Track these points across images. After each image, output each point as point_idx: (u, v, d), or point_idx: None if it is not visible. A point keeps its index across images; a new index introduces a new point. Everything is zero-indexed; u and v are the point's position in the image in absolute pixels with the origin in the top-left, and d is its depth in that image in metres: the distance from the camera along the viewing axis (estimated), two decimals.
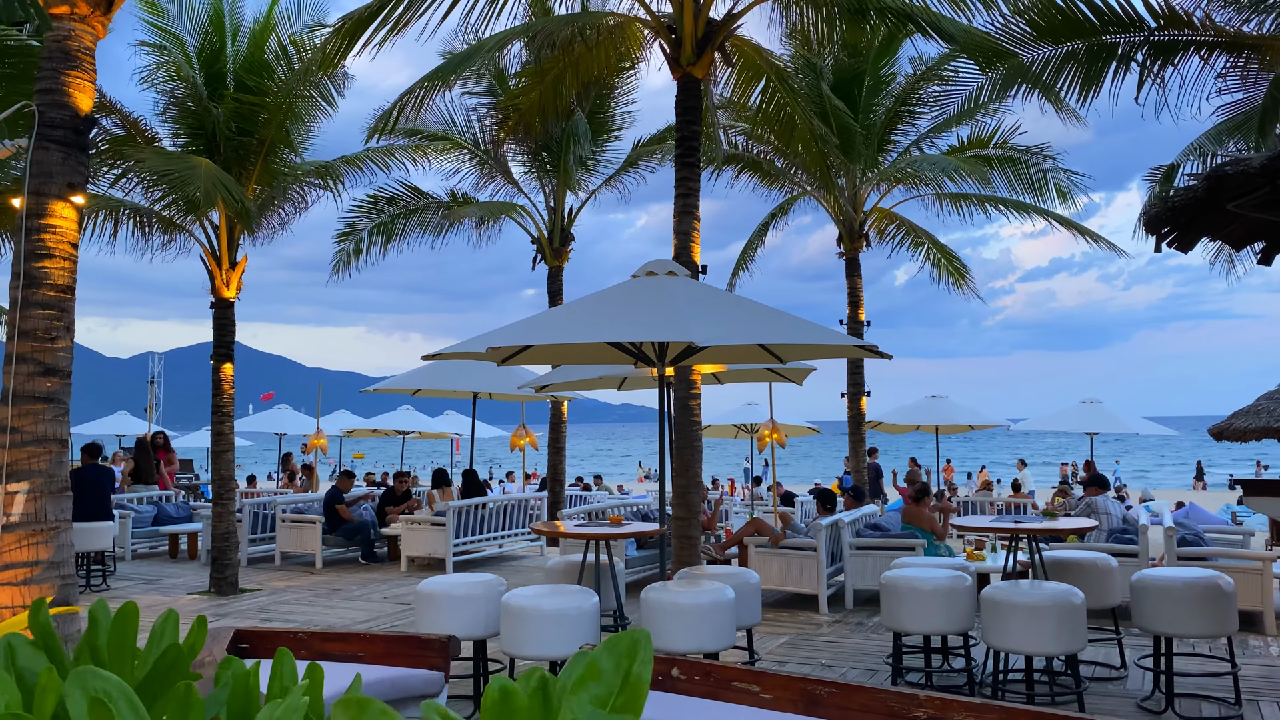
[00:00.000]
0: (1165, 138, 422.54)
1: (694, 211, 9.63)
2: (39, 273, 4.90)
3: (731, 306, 6.60)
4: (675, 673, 4.71)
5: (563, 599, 5.82)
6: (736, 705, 4.29)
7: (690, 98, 9.83)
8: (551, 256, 16.23)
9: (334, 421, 26.10)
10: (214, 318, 11.47)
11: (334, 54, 8.97)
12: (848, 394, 15.18)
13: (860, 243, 15.15)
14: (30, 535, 4.73)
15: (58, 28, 5.14)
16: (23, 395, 4.76)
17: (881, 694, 3.84)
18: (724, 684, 4.53)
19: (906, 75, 14.86)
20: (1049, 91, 8.38)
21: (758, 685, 4.43)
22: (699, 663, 4.55)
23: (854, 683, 3.95)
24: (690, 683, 4.65)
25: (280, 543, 13.69)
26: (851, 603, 10.10)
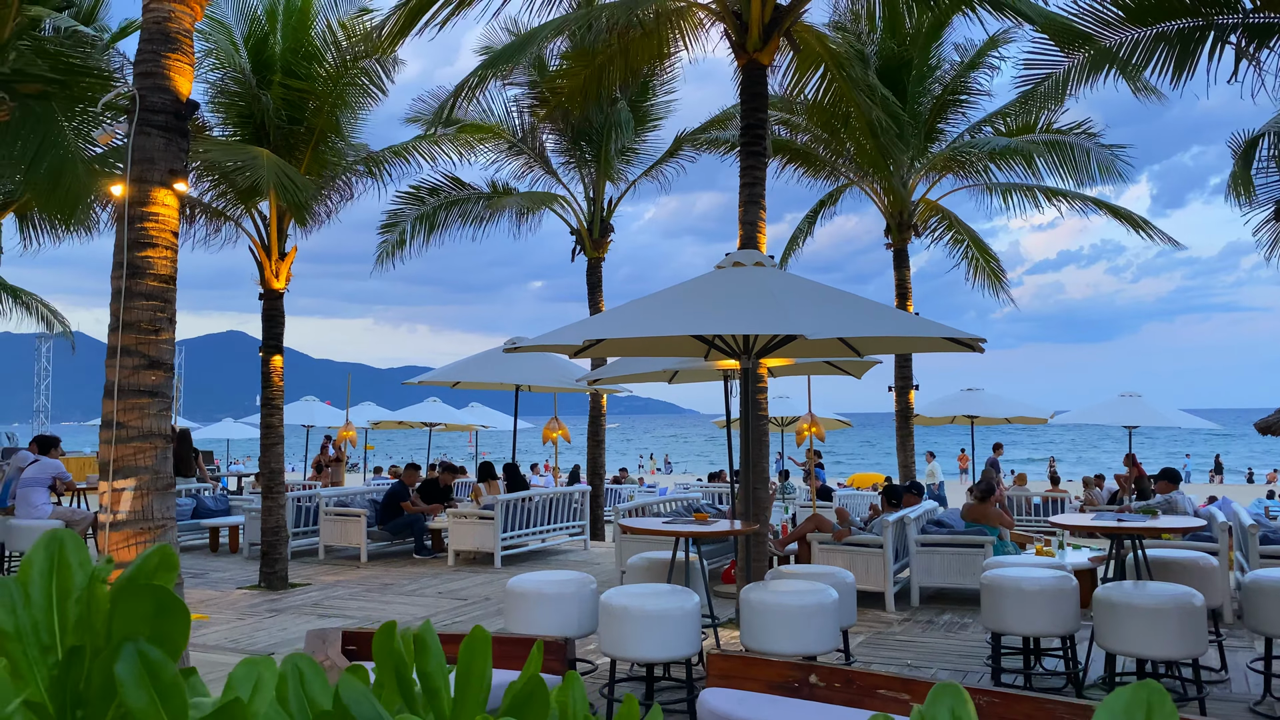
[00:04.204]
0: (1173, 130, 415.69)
1: (760, 201, 9.44)
2: (142, 262, 4.74)
3: (830, 298, 6.42)
4: (813, 679, 4.53)
5: (665, 599, 5.65)
6: None
7: (755, 84, 9.63)
8: (591, 248, 16.05)
9: (360, 414, 26.01)
10: (263, 309, 11.31)
11: (394, 32, 8.79)
12: (895, 387, 14.99)
13: (909, 234, 14.95)
14: (137, 534, 4.58)
15: (156, 9, 4.97)
16: (128, 389, 4.60)
17: (1049, 704, 3.66)
18: (868, 692, 4.34)
19: (953, 63, 14.64)
20: (1135, 74, 8.16)
21: (907, 693, 4.25)
22: (839, 669, 4.37)
23: (1014, 691, 3.78)
24: (830, 690, 4.46)
25: (324, 536, 13.56)
26: (918, 600, 9.92)
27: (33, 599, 1.23)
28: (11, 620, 1.23)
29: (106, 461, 4.63)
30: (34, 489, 11.24)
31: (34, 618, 1.25)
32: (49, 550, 1.26)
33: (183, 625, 1.25)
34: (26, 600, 1.24)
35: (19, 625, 1.22)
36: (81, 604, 1.24)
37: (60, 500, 12.18)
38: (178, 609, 1.23)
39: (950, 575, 9.82)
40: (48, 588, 1.24)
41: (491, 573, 12.12)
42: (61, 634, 1.23)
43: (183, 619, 1.23)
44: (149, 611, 1.25)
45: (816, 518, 10.35)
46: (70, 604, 1.24)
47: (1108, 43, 8.32)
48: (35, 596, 1.24)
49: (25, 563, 1.21)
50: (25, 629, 1.23)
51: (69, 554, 1.26)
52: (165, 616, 1.26)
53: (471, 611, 9.70)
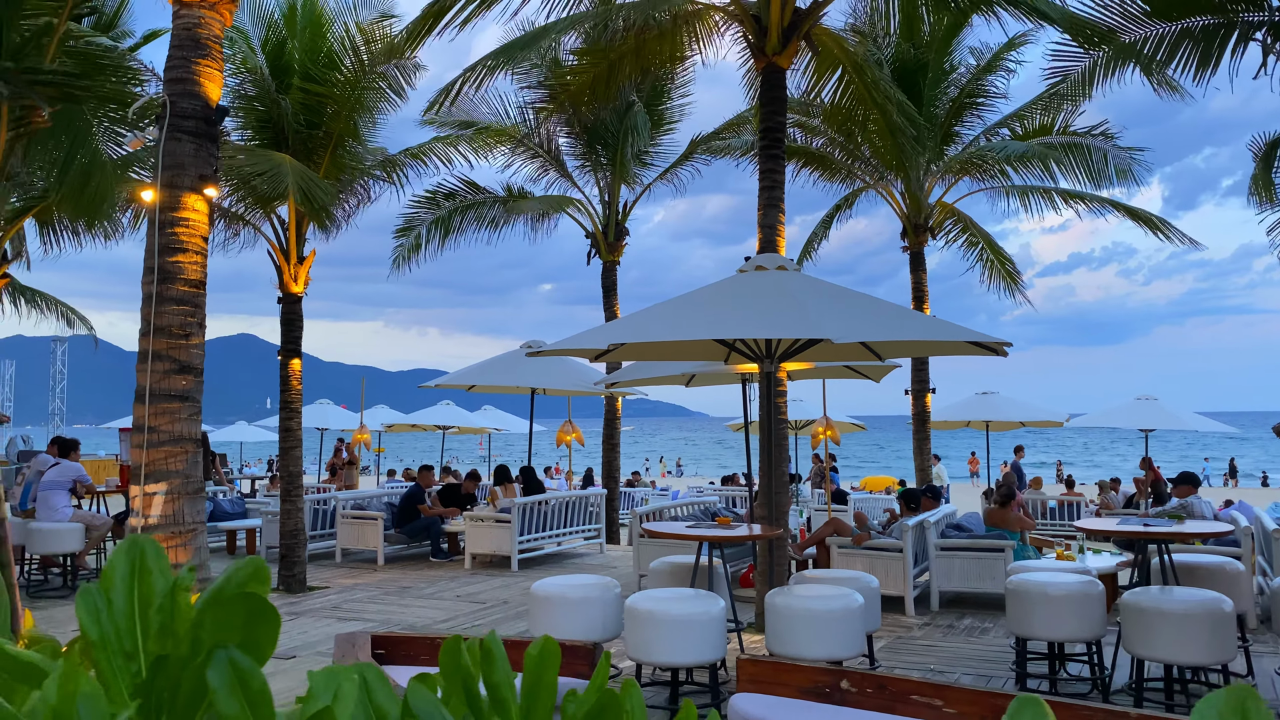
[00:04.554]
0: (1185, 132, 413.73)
1: (779, 204, 9.43)
2: (173, 267, 4.76)
3: (854, 301, 6.40)
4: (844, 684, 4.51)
5: (691, 603, 5.65)
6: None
7: (774, 88, 9.62)
8: (606, 251, 16.06)
9: (373, 416, 26.05)
10: (281, 313, 11.35)
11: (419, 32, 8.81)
12: (912, 390, 14.96)
13: (925, 236, 14.93)
14: (169, 538, 4.60)
15: (186, 16, 4.99)
16: (159, 394, 4.62)
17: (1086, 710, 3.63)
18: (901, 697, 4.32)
19: (969, 65, 14.62)
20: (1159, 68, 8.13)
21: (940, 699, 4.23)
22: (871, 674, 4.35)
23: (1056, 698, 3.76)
24: (862, 695, 4.44)
25: (341, 539, 13.59)
26: (937, 604, 9.89)
27: (115, 606, 1.23)
28: (97, 628, 1.23)
29: (138, 466, 4.65)
30: (55, 492, 11.29)
31: (117, 625, 1.24)
32: (129, 557, 1.25)
33: (272, 633, 1.24)
34: (110, 608, 1.24)
35: (104, 633, 1.22)
36: (164, 612, 1.23)
37: (81, 504, 12.22)
38: (269, 616, 1.22)
39: (970, 579, 9.79)
40: (130, 595, 1.24)
41: (508, 576, 12.13)
42: (144, 641, 1.22)
43: (273, 626, 1.22)
44: (240, 619, 1.25)
45: (835, 522, 10.33)
46: (152, 612, 1.24)
47: (1131, 38, 8.30)
48: (118, 604, 1.23)
49: (107, 569, 1.21)
50: (109, 637, 1.23)
51: (149, 561, 1.26)
52: (256, 624, 1.26)
53: (490, 615, 9.71)
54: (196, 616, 1.24)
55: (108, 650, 1.20)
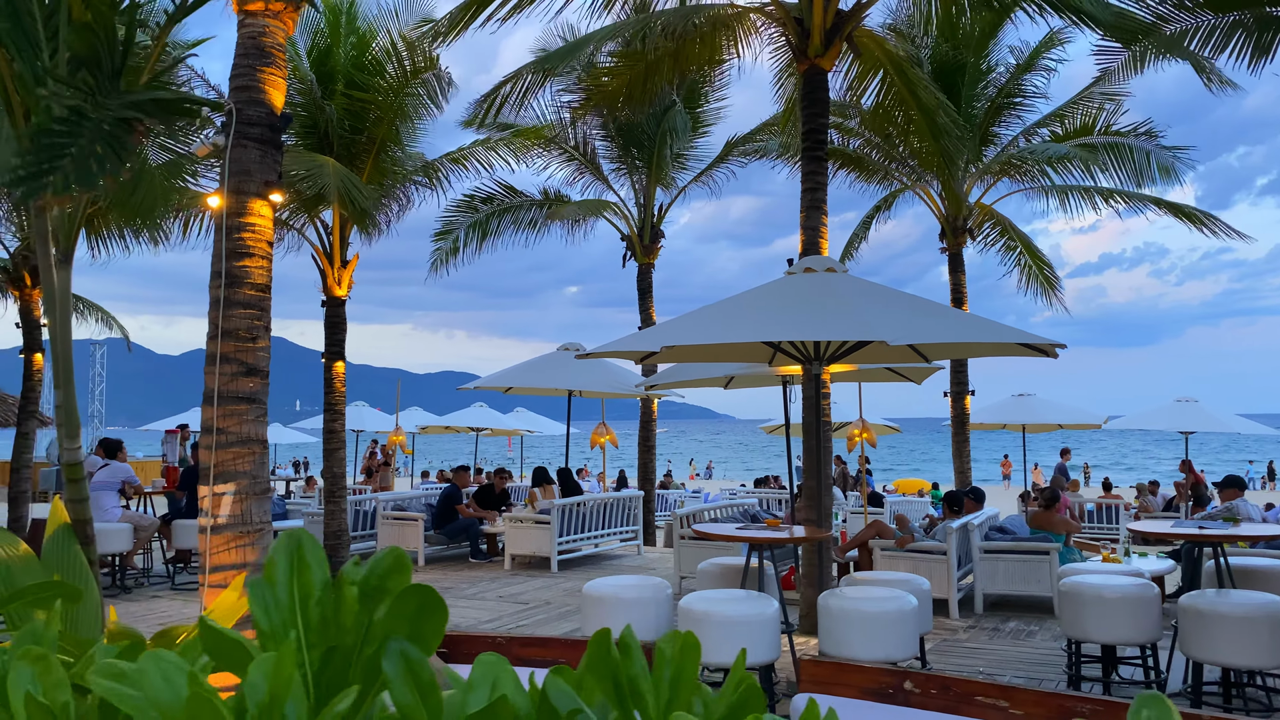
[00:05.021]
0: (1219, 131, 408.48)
1: (822, 206, 9.43)
2: (240, 271, 4.86)
3: (906, 303, 6.41)
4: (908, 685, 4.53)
5: (745, 604, 5.68)
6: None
7: (817, 90, 9.62)
8: (642, 254, 16.11)
9: (407, 419, 26.26)
10: (325, 316, 11.49)
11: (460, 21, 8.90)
12: (951, 393, 14.90)
13: (963, 238, 14.86)
14: (237, 537, 4.69)
15: (252, 25, 5.10)
16: (227, 396, 4.72)
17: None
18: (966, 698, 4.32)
19: (1007, 65, 14.56)
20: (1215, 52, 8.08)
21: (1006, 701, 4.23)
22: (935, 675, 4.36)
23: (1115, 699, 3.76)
24: (926, 696, 4.45)
25: (381, 540, 13.71)
26: (981, 607, 9.85)
27: (279, 600, 1.29)
28: (267, 620, 1.28)
29: (206, 466, 4.75)
30: (104, 493, 11.48)
31: (283, 618, 1.30)
32: (288, 551, 1.30)
33: (439, 625, 1.29)
34: (275, 601, 1.29)
35: (273, 626, 1.27)
36: (323, 604, 1.28)
37: (129, 504, 12.42)
38: (438, 608, 1.27)
39: (1015, 582, 9.74)
40: (290, 589, 1.29)
41: (549, 577, 12.20)
42: (306, 633, 1.27)
43: (441, 618, 1.27)
44: (412, 611, 1.30)
45: (877, 524, 10.31)
46: (311, 605, 1.29)
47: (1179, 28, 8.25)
48: (281, 598, 1.29)
49: (269, 564, 1.26)
50: (278, 629, 1.28)
51: (307, 555, 1.31)
52: (425, 616, 1.31)
53: (534, 615, 9.78)
54: (362, 608, 1.29)
55: (277, 642, 1.25)
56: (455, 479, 15.12)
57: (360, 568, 1.28)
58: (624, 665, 1.55)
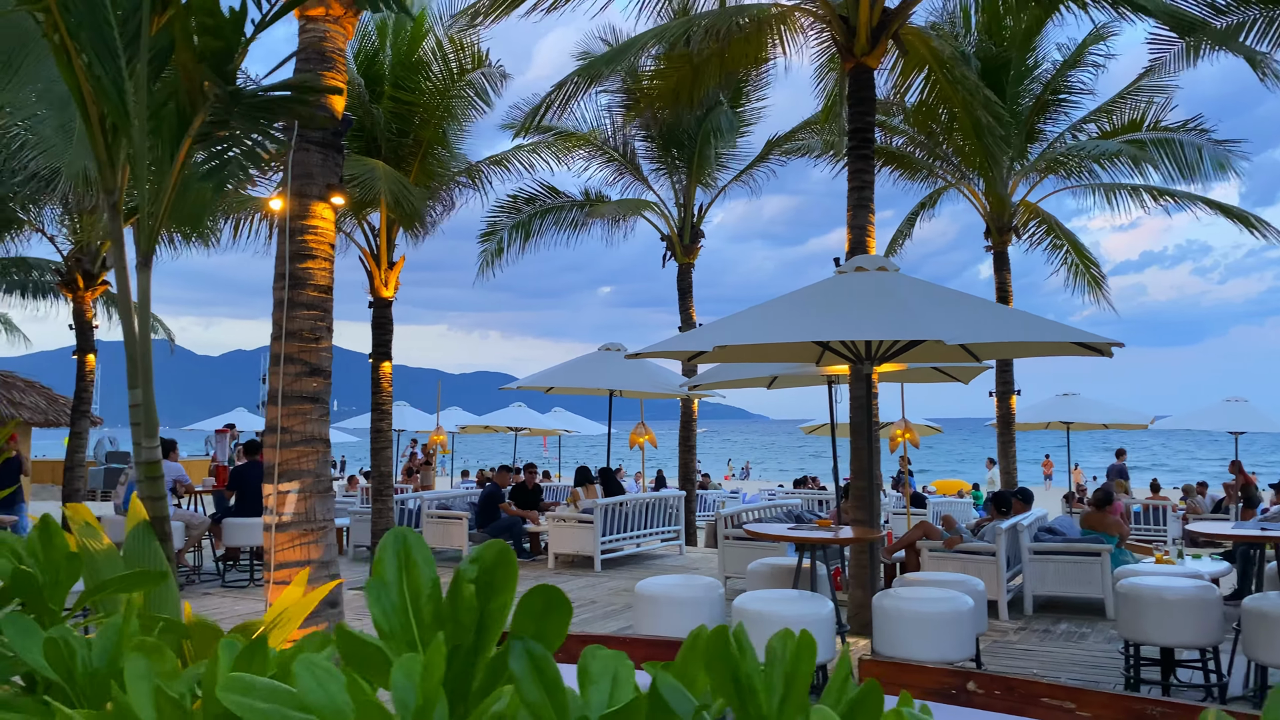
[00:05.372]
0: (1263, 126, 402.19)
1: (869, 205, 9.38)
2: (303, 273, 4.94)
3: (960, 302, 6.37)
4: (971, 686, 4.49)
5: (799, 605, 5.67)
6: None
7: (863, 88, 9.58)
8: (682, 254, 16.12)
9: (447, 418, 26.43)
10: (372, 317, 11.61)
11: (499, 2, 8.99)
12: (997, 393, 14.76)
13: (1009, 236, 14.72)
14: (302, 535, 4.76)
15: (313, 29, 5.17)
16: (291, 395, 4.80)
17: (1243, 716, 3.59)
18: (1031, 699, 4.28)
19: (1054, 61, 14.40)
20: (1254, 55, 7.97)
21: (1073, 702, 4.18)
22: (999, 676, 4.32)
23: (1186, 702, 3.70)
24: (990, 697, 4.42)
25: (426, 538, 13.81)
26: (1031, 608, 9.75)
27: (391, 599, 1.31)
28: (387, 621, 1.30)
29: (271, 465, 4.83)
30: None
31: (400, 619, 1.32)
32: (396, 551, 1.32)
33: (563, 623, 1.30)
34: (391, 601, 1.32)
35: (391, 625, 1.30)
36: (434, 602, 1.30)
37: (180, 503, 12.63)
38: (563, 606, 1.28)
39: (1065, 583, 9.64)
40: (401, 588, 1.31)
41: (592, 576, 12.24)
42: (420, 630, 1.29)
43: (565, 615, 1.29)
44: (538, 609, 1.32)
45: (924, 525, 10.23)
46: (423, 602, 1.31)
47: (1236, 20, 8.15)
48: (392, 596, 1.31)
49: (378, 563, 1.29)
50: (396, 629, 1.31)
51: (414, 553, 1.34)
52: (550, 614, 1.33)
53: (580, 614, 9.81)
54: (480, 606, 1.30)
55: (395, 641, 1.27)
56: (496, 478, 15.24)
57: (474, 565, 1.30)
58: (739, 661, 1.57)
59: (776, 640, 1.63)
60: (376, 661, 1.18)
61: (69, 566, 2.00)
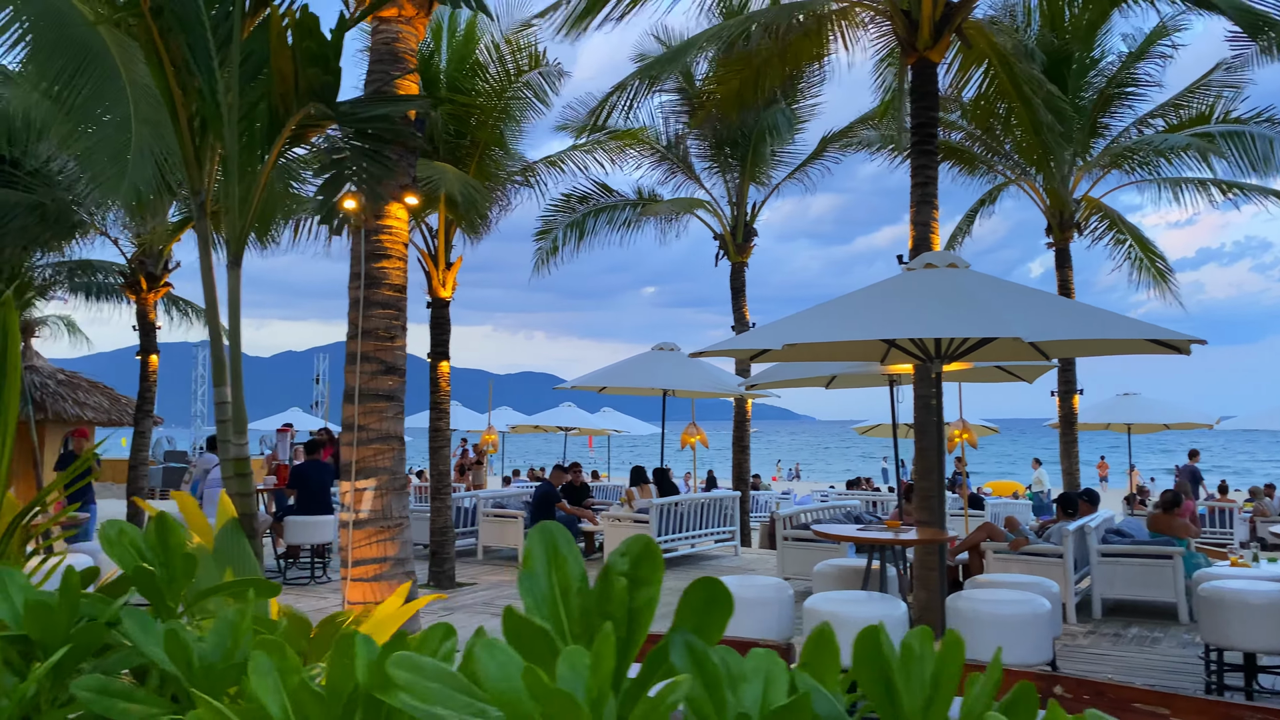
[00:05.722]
0: None
1: (932, 201, 9.25)
2: (378, 273, 4.97)
3: (1035, 299, 6.25)
4: (1058, 690, 4.40)
5: (872, 607, 5.60)
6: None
7: (926, 83, 9.45)
8: (735, 253, 16.05)
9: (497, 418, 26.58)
10: (431, 318, 11.69)
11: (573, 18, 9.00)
12: (1058, 392, 14.49)
13: (1070, 233, 14.44)
14: (378, 532, 4.79)
15: (385, 31, 5.20)
16: (367, 394, 4.83)
17: None
18: (1122, 705, 4.18)
19: (1118, 53, 14.10)
20: None
21: (1166, 708, 4.07)
22: (1087, 680, 4.22)
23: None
24: (1078, 702, 4.32)
25: (483, 537, 13.91)
26: (1099, 612, 9.55)
27: (541, 590, 1.28)
28: (538, 611, 1.28)
29: (347, 463, 4.86)
30: (221, 490, 11.87)
31: (551, 611, 1.29)
32: (544, 545, 1.30)
33: (724, 618, 1.27)
34: (541, 594, 1.29)
35: (542, 617, 1.27)
36: (583, 595, 1.27)
37: None
38: (724, 601, 1.25)
39: (1134, 587, 9.43)
40: (550, 581, 1.28)
41: None
42: (570, 624, 1.27)
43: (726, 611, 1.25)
44: (700, 603, 1.28)
45: (988, 526, 10.07)
46: (572, 596, 1.28)
47: None
48: (542, 588, 1.28)
49: (528, 555, 1.27)
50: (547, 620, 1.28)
51: (562, 547, 1.31)
52: (711, 609, 1.29)
53: None
54: (630, 599, 1.27)
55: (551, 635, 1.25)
56: (551, 477, 15.29)
57: (625, 558, 1.27)
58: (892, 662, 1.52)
59: (914, 639, 1.58)
60: (540, 650, 1.16)
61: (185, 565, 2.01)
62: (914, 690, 1.47)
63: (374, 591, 4.68)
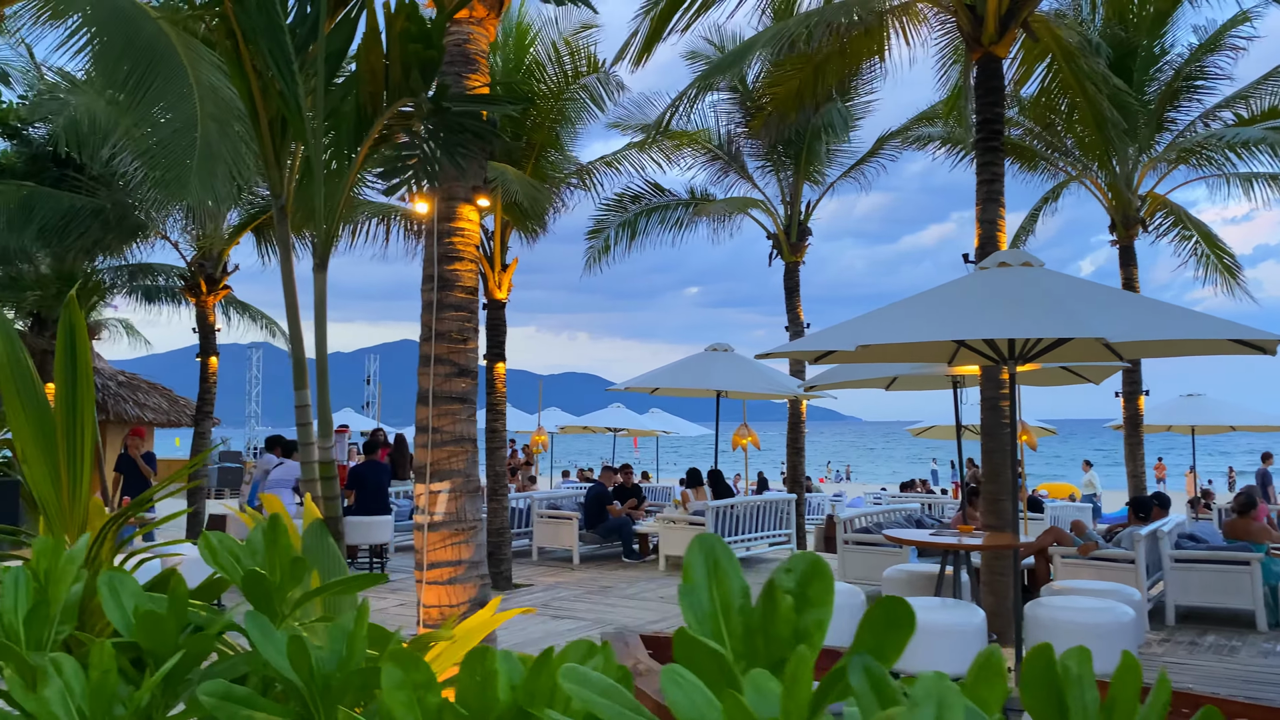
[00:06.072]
0: None
1: (999, 199, 9.07)
2: (450, 275, 4.96)
3: (1116, 299, 6.08)
4: None
5: (948, 613, 5.48)
6: None
7: (991, 78, 9.26)
8: (789, 252, 15.91)
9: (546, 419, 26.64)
10: (487, 319, 11.71)
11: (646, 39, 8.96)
12: (1124, 393, 14.16)
13: (1135, 230, 14.10)
14: (453, 534, 4.78)
15: (457, 32, 5.19)
16: (441, 396, 4.82)
17: None
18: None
19: (1187, 45, 13.75)
20: None
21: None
22: (1185, 693, 4.09)
23: None
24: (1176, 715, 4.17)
25: (537, 538, 13.92)
26: (1173, 619, 9.29)
27: (702, 606, 1.21)
28: (700, 629, 1.21)
29: (423, 465, 4.85)
30: (281, 490, 11.98)
31: (714, 628, 1.22)
32: (704, 558, 1.23)
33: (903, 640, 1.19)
34: (704, 610, 1.22)
35: (704, 634, 1.20)
36: (745, 614, 1.20)
37: (302, 502, 12.94)
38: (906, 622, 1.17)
39: (1210, 594, 9.17)
40: (710, 596, 1.21)
41: None
42: (732, 643, 1.19)
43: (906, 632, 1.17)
44: (880, 622, 1.20)
45: (1055, 530, 9.85)
46: (734, 614, 1.21)
47: None
48: (703, 603, 1.21)
49: (687, 567, 1.20)
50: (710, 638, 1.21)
51: (722, 561, 1.23)
52: (893, 629, 1.21)
53: None
54: (798, 620, 1.20)
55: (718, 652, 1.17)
56: (602, 478, 15.28)
57: (791, 575, 1.20)
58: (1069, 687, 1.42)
59: (1072, 659, 1.47)
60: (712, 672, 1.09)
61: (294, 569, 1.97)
62: (1086, 714, 1.36)
63: (449, 595, 4.66)
